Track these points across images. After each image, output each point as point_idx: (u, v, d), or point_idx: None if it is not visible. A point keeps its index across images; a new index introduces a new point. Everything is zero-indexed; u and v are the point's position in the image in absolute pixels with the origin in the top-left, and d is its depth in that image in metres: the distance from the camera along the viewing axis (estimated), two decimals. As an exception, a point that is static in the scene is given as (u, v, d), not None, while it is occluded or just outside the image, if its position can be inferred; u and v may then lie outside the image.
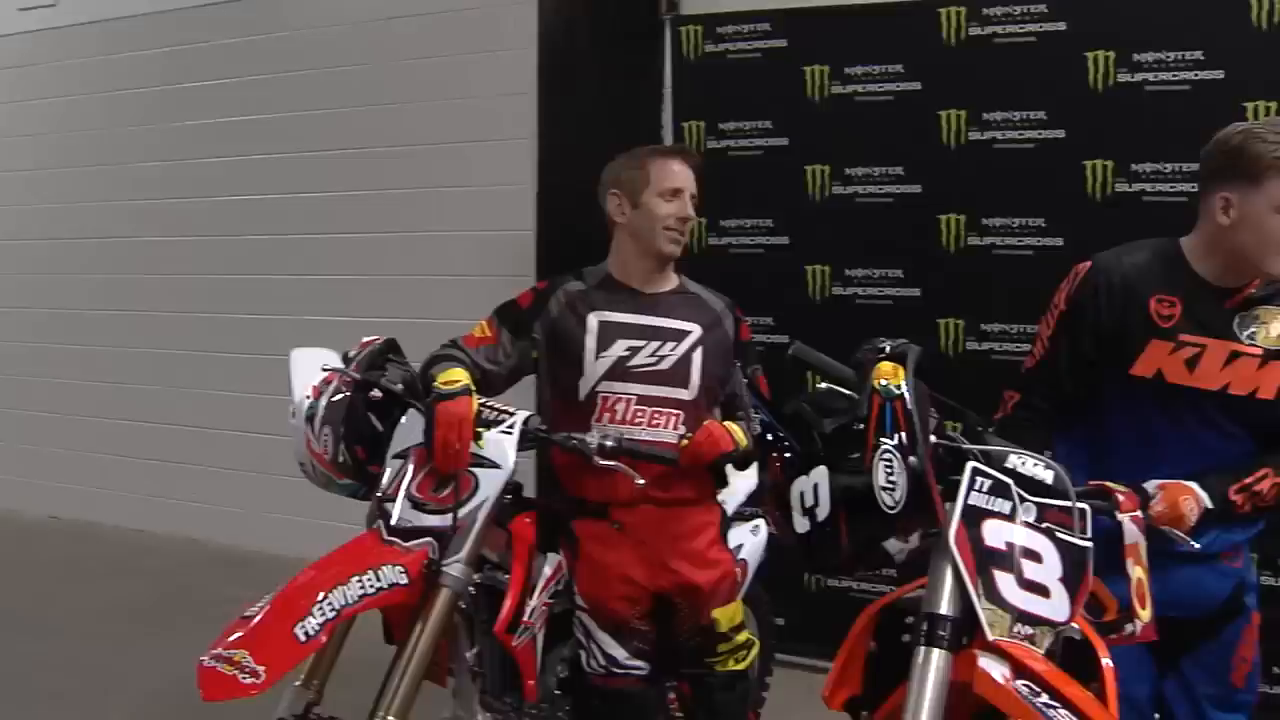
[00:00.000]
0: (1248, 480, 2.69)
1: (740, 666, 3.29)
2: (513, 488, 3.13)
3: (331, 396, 3.13)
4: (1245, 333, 2.68)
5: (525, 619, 3.06)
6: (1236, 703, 2.87)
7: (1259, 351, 2.66)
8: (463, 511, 2.92)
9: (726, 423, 3.18)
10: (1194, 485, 2.64)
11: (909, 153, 4.97)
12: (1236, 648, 2.83)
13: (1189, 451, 2.70)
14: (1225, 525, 2.72)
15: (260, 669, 2.51)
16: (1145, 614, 2.44)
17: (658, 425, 3.13)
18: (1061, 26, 4.74)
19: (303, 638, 2.61)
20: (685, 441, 3.11)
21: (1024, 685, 2.17)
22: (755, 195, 5.24)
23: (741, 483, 3.50)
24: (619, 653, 3.16)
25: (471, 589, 3.01)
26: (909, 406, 2.25)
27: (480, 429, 2.98)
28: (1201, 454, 2.70)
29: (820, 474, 2.26)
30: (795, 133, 5.18)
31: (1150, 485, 2.62)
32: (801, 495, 2.29)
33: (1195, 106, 4.46)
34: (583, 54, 5.68)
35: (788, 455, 2.34)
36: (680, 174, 3.20)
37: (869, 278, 5.02)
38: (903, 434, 2.23)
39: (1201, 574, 2.76)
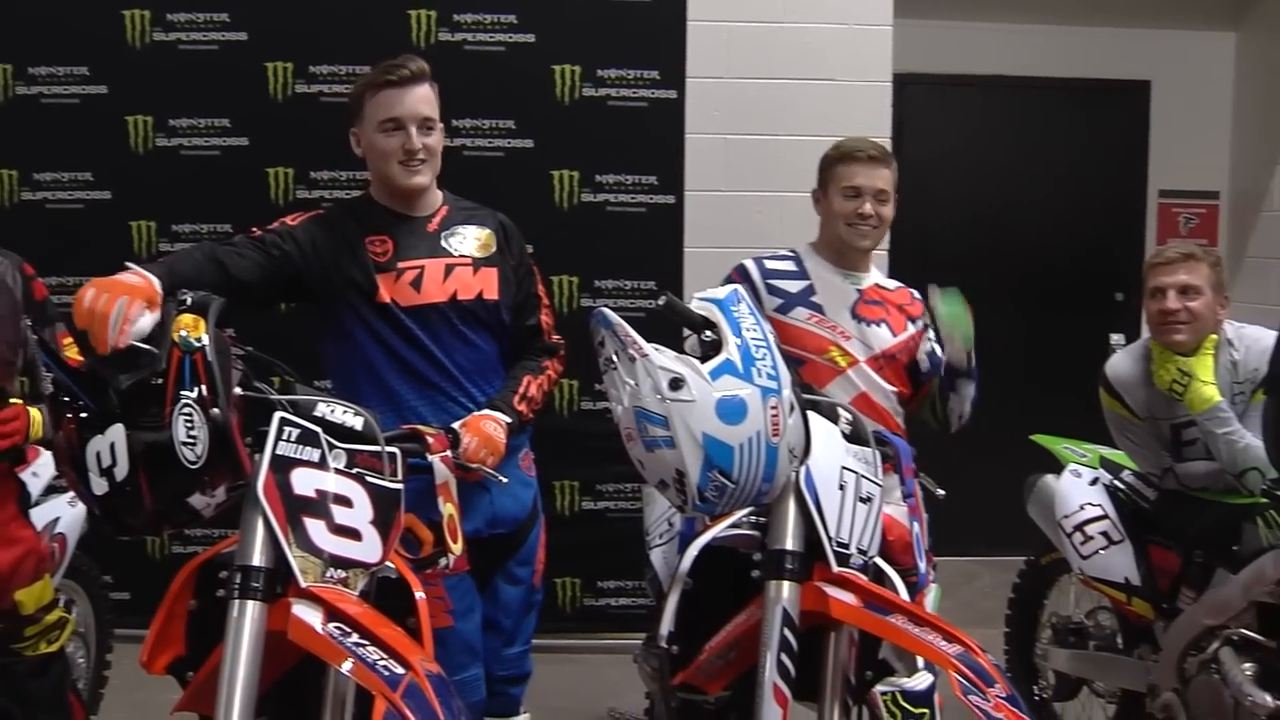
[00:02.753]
0: (520, 389, 3.00)
1: (52, 649, 3.08)
2: None
3: None
4: (453, 247, 2.99)
5: None
6: (533, 603, 3.15)
7: (469, 260, 2.99)
8: None
9: (32, 410, 2.92)
10: (489, 412, 2.88)
11: (235, 103, 4.88)
12: (536, 551, 3.13)
13: (453, 362, 2.95)
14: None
15: None
16: (457, 547, 2.59)
17: None
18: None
19: None
20: None
21: (336, 628, 2.20)
22: (73, 146, 4.90)
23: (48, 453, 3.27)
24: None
25: None
26: (209, 358, 2.18)
27: None
28: (439, 362, 2.94)
29: (117, 432, 2.15)
30: (115, 81, 4.89)
31: (455, 425, 2.79)
32: (98, 455, 2.16)
33: (509, 66, 4.89)
34: None
35: (83, 415, 2.21)
36: None
37: (197, 234, 4.84)
38: (203, 386, 2.17)
39: (515, 489, 3.00)
